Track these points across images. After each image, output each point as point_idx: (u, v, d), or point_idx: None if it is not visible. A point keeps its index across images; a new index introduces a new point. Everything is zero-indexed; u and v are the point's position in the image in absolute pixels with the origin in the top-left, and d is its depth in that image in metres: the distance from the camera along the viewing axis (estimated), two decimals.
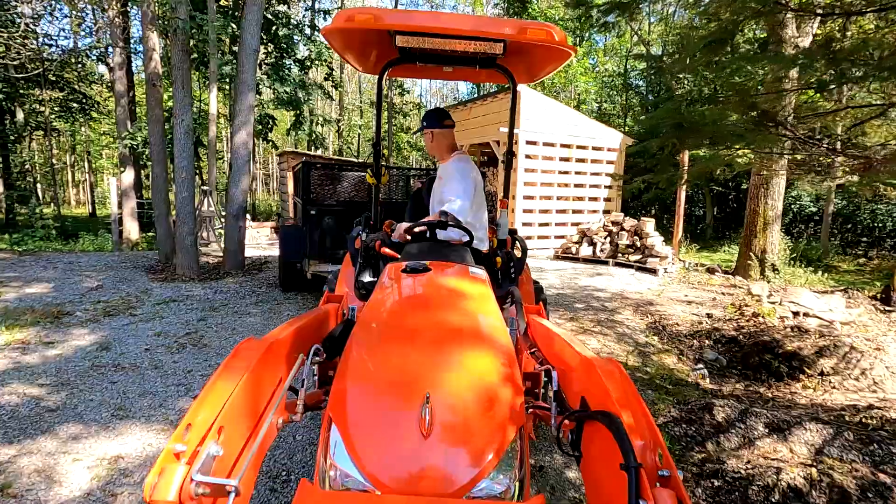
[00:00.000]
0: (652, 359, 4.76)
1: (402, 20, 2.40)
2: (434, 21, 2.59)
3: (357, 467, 1.09)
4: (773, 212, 8.49)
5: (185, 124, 6.85)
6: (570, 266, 9.24)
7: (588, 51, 20.79)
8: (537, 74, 3.03)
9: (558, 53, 2.53)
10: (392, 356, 1.38)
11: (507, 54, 2.57)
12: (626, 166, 11.50)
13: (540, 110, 10.08)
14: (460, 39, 2.44)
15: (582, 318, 5.75)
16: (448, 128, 2.91)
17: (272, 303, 5.87)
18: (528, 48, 2.62)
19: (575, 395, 1.47)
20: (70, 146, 28.38)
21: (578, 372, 1.49)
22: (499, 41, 2.45)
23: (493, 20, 2.56)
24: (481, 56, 2.63)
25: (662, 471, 1.07)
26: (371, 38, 2.60)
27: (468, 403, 1.22)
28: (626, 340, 5.11)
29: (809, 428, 3.21)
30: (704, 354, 5.03)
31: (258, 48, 7.52)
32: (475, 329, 1.57)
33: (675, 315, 6.08)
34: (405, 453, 1.10)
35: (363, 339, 1.49)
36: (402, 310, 1.76)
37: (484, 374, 1.34)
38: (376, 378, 1.31)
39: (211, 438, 1.07)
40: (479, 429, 1.17)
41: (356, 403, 1.23)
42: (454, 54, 2.68)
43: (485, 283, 2.00)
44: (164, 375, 3.70)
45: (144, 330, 4.67)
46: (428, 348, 1.41)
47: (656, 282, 7.99)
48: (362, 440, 1.13)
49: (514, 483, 1.16)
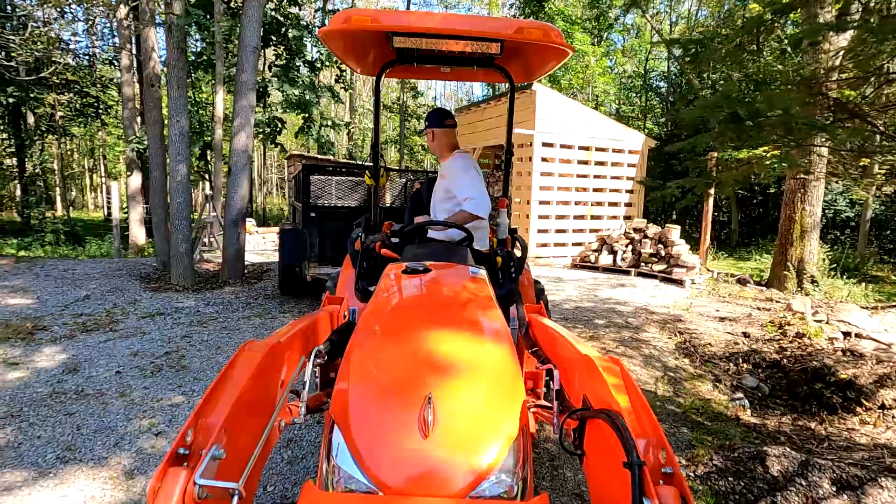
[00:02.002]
0: (684, 386, 4.20)
1: (400, 21, 2.38)
2: (431, 22, 2.57)
3: (360, 469, 1.09)
4: (812, 218, 7.81)
5: (180, 126, 6.50)
6: (590, 276, 8.66)
7: (607, 51, 20.17)
8: (535, 74, 3.02)
9: (555, 52, 2.52)
10: (393, 357, 1.38)
11: (504, 54, 2.55)
12: (648, 169, 10.89)
13: (557, 110, 9.55)
14: (458, 40, 2.44)
15: (604, 336, 5.21)
16: (449, 127, 2.96)
17: (265, 317, 5.45)
18: (526, 47, 2.63)
19: (577, 393, 1.47)
20: (88, 150, 28.68)
21: (580, 370, 1.49)
22: (496, 41, 2.43)
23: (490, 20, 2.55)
24: (478, 56, 2.64)
25: (665, 468, 1.05)
26: (368, 39, 2.60)
27: (470, 403, 1.22)
28: (653, 364, 4.55)
29: (886, 486, 2.64)
30: (743, 381, 4.45)
31: (258, 46, 7.16)
32: (476, 329, 1.57)
33: (707, 333, 5.49)
34: (408, 454, 1.09)
35: (364, 340, 1.48)
36: (403, 311, 1.74)
37: (485, 374, 1.34)
38: (378, 379, 1.30)
39: (214, 442, 1.05)
40: (481, 428, 1.17)
41: (358, 405, 1.21)
42: (452, 55, 2.69)
43: (485, 283, 1.98)
44: (129, 406, 3.28)
45: (121, 348, 4.28)
46: (429, 349, 1.40)
47: (683, 294, 7.38)
48: (365, 442, 1.12)
49: (517, 482, 1.15)
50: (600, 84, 19.07)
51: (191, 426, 1.08)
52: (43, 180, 17.49)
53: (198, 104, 13.75)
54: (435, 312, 1.67)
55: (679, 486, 1.01)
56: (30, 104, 13.79)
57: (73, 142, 29.56)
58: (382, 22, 2.29)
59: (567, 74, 17.19)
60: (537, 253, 9.74)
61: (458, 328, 1.54)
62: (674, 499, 0.97)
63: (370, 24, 2.25)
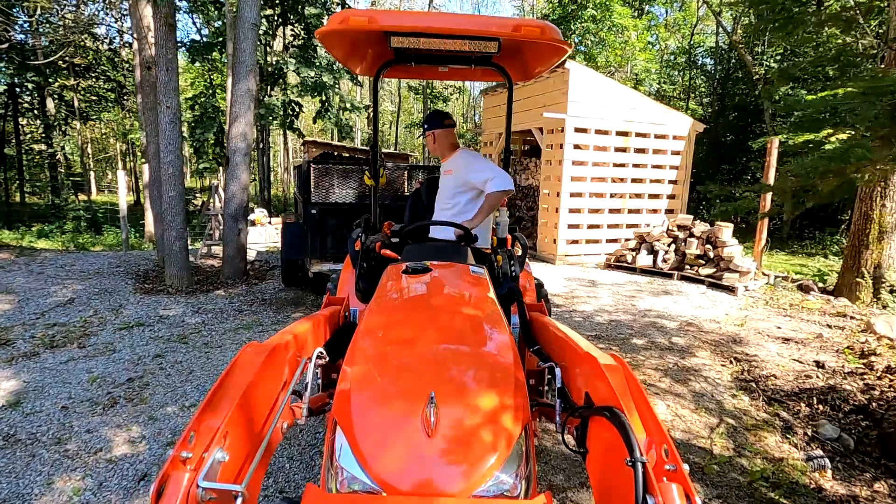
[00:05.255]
0: (746, 438, 3.37)
1: (397, 21, 2.39)
2: (429, 21, 2.55)
3: (363, 469, 1.09)
4: (893, 217, 6.66)
5: (171, 112, 5.92)
6: (627, 279, 7.75)
7: (649, 25, 18.63)
8: (533, 72, 3.03)
9: (553, 50, 2.55)
10: (395, 357, 1.38)
11: (502, 52, 2.56)
12: (695, 157, 9.78)
13: (591, 91, 8.53)
14: (455, 39, 2.45)
15: (643, 363, 4.38)
16: (448, 127, 3.02)
17: (255, 328, 4.86)
18: (523, 46, 2.67)
19: (578, 391, 1.47)
20: (121, 133, 28.96)
21: (582, 368, 1.49)
22: (493, 40, 2.46)
23: (487, 18, 2.56)
24: (476, 55, 2.65)
25: (668, 465, 1.05)
26: (366, 39, 2.62)
27: (472, 402, 1.23)
28: (706, 405, 3.73)
29: None
30: (820, 430, 3.57)
31: (257, 22, 6.47)
32: (477, 328, 1.56)
33: (770, 360, 4.59)
34: (411, 454, 1.09)
35: (365, 341, 1.46)
36: (404, 311, 1.72)
37: (487, 373, 1.33)
38: (380, 380, 1.29)
39: (216, 444, 1.06)
40: (483, 427, 1.17)
41: (360, 406, 1.21)
42: (450, 54, 2.70)
43: (486, 282, 1.99)
44: (59, 459, 2.71)
45: (81, 372, 3.74)
46: (430, 349, 1.40)
47: (736, 304, 6.42)
48: (367, 442, 1.12)
49: (520, 481, 1.15)
50: (640, 61, 17.64)
51: (193, 429, 1.08)
52: (67, 166, 17.52)
53: (213, 87, 13.26)
54: (436, 312, 1.66)
55: (682, 483, 1.00)
56: (49, 90, 13.66)
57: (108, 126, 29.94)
58: (380, 22, 2.28)
59: (604, 51, 15.89)
60: (566, 251, 8.86)
61: (460, 328, 1.54)
62: (677, 495, 0.96)
63: (368, 25, 2.22)
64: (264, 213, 12.15)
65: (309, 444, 2.95)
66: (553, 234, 8.85)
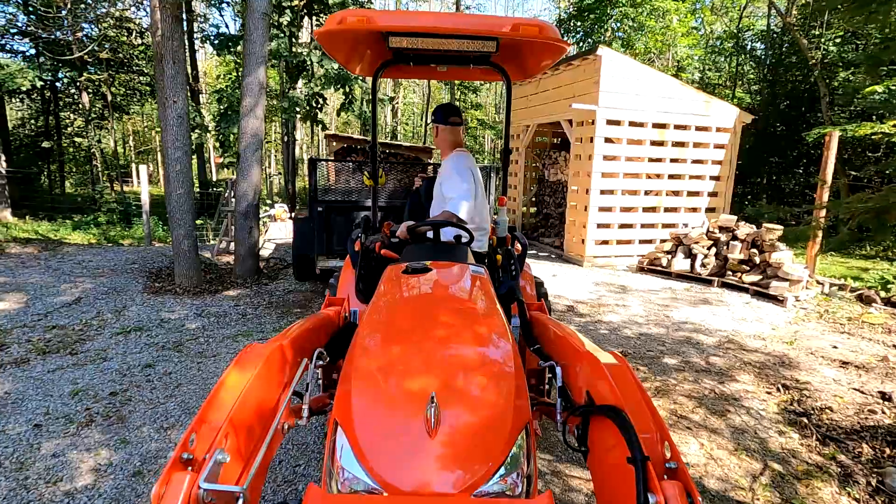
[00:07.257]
0: (796, 489, 2.86)
1: (396, 21, 2.40)
2: (427, 21, 2.57)
3: (364, 470, 1.08)
4: None
5: (178, 108, 5.74)
6: (661, 284, 7.15)
7: (692, 9, 17.48)
8: (531, 71, 3.02)
9: (551, 49, 2.54)
10: (395, 357, 1.37)
11: (500, 52, 2.57)
12: (740, 150, 8.99)
13: (625, 80, 7.89)
14: (454, 39, 2.45)
15: (675, 388, 3.88)
16: (452, 125, 2.93)
17: (255, 335, 4.62)
18: (522, 45, 2.66)
19: (579, 390, 1.48)
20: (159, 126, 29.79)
21: (582, 367, 1.51)
22: (492, 39, 2.46)
23: (485, 18, 2.61)
24: (475, 55, 2.68)
25: (670, 463, 1.07)
26: (364, 39, 2.61)
27: (473, 402, 1.23)
28: (747, 444, 3.22)
29: None
30: (887, 479, 3.01)
31: (268, 11, 6.19)
32: (477, 328, 1.55)
33: (825, 388, 4.01)
34: (412, 454, 1.09)
35: (366, 341, 1.47)
36: (404, 311, 1.71)
37: (488, 373, 1.33)
38: (380, 380, 1.29)
39: (217, 446, 1.06)
40: (484, 427, 1.16)
41: (361, 406, 1.21)
42: (448, 53, 2.72)
43: (486, 282, 1.98)
44: (15, 489, 2.49)
45: (65, 383, 3.57)
46: (431, 348, 1.40)
47: (785, 318, 5.77)
48: (369, 442, 1.12)
49: (521, 480, 1.14)
50: (682, 48, 16.56)
51: (194, 430, 1.07)
52: (105, 159, 18.00)
53: (238, 81, 13.22)
54: (436, 312, 1.64)
55: (683, 481, 1.01)
56: (84, 83, 13.96)
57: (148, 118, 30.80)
58: (378, 22, 2.28)
59: (643, 37, 14.98)
60: (595, 252, 8.29)
61: (460, 327, 1.54)
62: (678, 493, 0.97)
63: (366, 25, 2.22)
64: (284, 208, 12.04)
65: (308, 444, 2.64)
66: (581, 233, 8.30)
